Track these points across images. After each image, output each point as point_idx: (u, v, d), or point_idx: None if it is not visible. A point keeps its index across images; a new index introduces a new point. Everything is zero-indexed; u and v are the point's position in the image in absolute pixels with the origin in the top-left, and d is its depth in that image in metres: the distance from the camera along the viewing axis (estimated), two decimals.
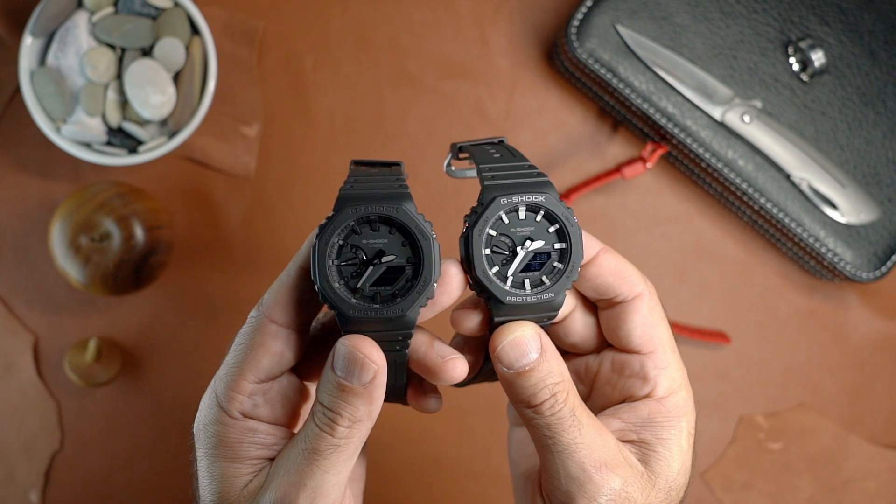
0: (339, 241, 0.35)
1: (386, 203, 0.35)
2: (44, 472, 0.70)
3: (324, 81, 0.70)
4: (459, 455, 0.71)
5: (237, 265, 0.70)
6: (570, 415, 0.36)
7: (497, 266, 0.36)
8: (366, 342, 0.35)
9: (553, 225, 0.37)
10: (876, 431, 0.72)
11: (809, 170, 0.67)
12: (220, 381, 0.37)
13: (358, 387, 0.34)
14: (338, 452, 0.35)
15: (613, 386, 0.40)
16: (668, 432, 0.38)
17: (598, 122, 0.71)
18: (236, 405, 0.36)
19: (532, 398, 0.36)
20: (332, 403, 0.35)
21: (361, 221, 0.35)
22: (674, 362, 0.39)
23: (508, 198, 0.36)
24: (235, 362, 0.37)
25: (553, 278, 0.36)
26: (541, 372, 0.36)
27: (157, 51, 0.65)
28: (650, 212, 0.71)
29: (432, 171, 0.71)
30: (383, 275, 0.35)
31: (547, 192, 0.36)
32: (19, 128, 0.69)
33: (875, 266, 0.68)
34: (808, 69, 0.67)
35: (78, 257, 0.64)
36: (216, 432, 0.37)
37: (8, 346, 0.69)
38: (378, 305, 0.35)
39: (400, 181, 0.36)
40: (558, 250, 0.37)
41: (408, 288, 0.35)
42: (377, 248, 0.35)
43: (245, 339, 0.37)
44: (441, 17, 0.71)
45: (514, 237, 0.36)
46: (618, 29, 0.66)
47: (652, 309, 0.39)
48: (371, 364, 0.34)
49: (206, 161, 0.70)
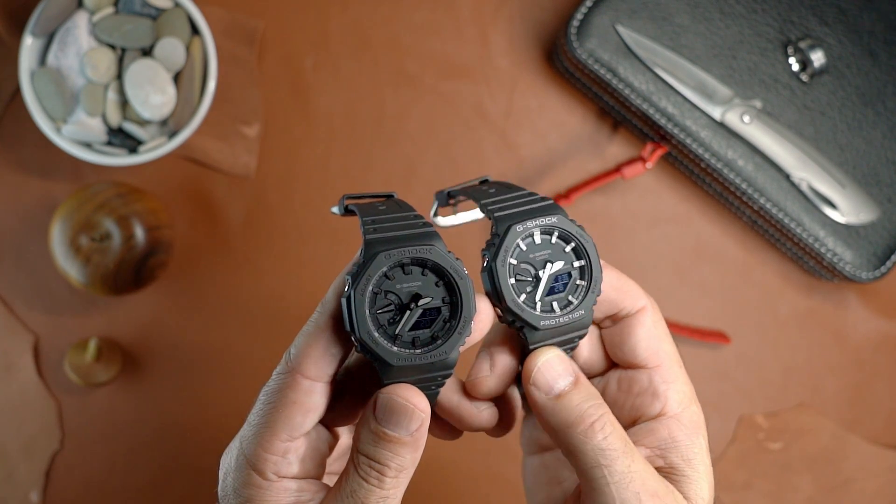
0: (374, 289, 0.34)
1: (416, 244, 0.34)
2: (44, 471, 0.70)
3: (324, 81, 0.70)
4: (459, 455, 0.71)
5: (237, 265, 0.70)
6: (623, 439, 0.35)
7: (524, 294, 0.36)
8: (411, 391, 0.34)
9: (569, 244, 0.37)
10: (876, 431, 0.72)
11: (809, 170, 0.67)
12: (250, 442, 0.35)
13: (405, 436, 0.34)
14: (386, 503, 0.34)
15: (622, 407, 0.39)
16: (692, 451, 0.37)
17: (598, 122, 0.72)
18: (270, 466, 0.35)
19: (580, 420, 0.35)
20: (377, 455, 0.34)
21: (393, 266, 0.34)
22: (681, 376, 0.39)
23: (523, 224, 0.36)
24: (266, 422, 0.35)
25: (579, 296, 0.37)
26: (581, 393, 0.35)
27: (158, 51, 0.65)
28: (650, 212, 0.72)
29: (432, 171, 0.71)
30: (418, 318, 0.35)
31: (558, 214, 0.36)
32: (19, 128, 0.69)
33: (875, 266, 0.68)
34: (807, 69, 0.67)
35: (78, 257, 0.64)
36: (250, 496, 0.35)
37: (8, 346, 0.69)
38: (419, 350, 0.34)
39: (419, 218, 0.36)
40: (578, 268, 0.37)
41: (447, 329, 0.35)
42: (412, 291, 0.35)
43: (275, 396, 0.35)
44: (441, 17, 0.71)
45: (534, 262, 0.36)
46: (618, 29, 0.66)
47: (656, 322, 0.39)
48: (419, 413, 0.34)
49: (206, 161, 0.70)
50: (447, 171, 0.71)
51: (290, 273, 0.70)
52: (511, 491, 0.71)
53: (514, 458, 0.71)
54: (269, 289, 0.70)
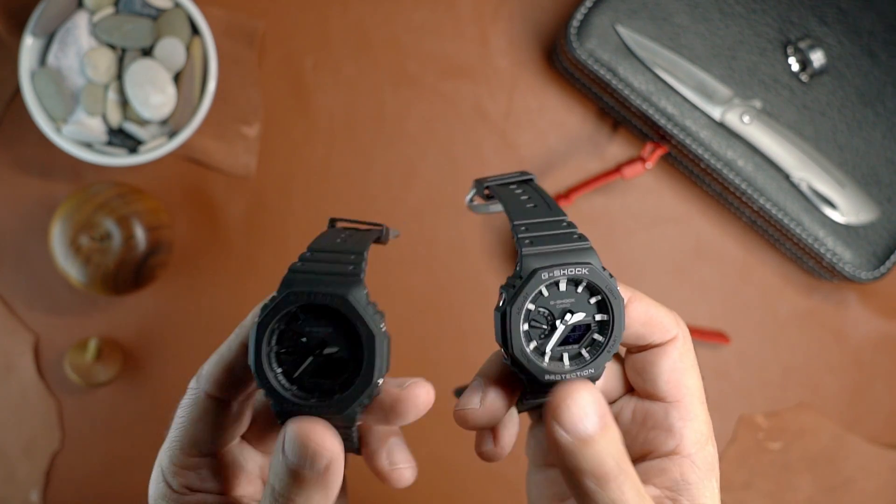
0: (281, 326, 0.32)
1: (333, 290, 0.31)
2: (44, 471, 0.70)
3: (324, 81, 0.71)
4: (459, 455, 0.71)
5: (237, 265, 0.70)
6: (639, 494, 0.33)
7: (535, 341, 0.34)
8: (317, 428, 0.31)
9: (595, 296, 0.34)
10: (876, 431, 0.72)
11: (809, 170, 0.67)
12: (165, 455, 0.35)
13: (311, 474, 0.31)
14: None
15: (634, 437, 0.37)
16: (704, 495, 0.35)
17: (598, 122, 0.72)
18: (181, 480, 0.35)
19: (598, 469, 0.32)
20: (283, 489, 0.32)
21: (304, 307, 0.32)
22: (701, 415, 0.36)
23: (550, 272, 0.33)
24: (177, 436, 0.35)
25: (593, 352, 0.34)
26: (607, 441, 0.32)
27: (158, 51, 0.65)
28: (650, 212, 0.72)
29: (432, 171, 0.71)
30: (327, 365, 0.32)
31: (591, 263, 0.33)
32: (19, 128, 0.69)
33: (874, 266, 0.68)
34: (807, 69, 0.67)
35: (78, 257, 0.64)
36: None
37: (8, 346, 0.69)
38: (314, 400, 0.32)
39: (357, 261, 0.33)
40: (598, 322, 0.34)
41: (348, 383, 0.32)
42: (320, 336, 0.32)
43: (184, 412, 0.35)
44: (441, 17, 0.71)
45: (554, 310, 0.34)
46: (617, 29, 0.66)
47: (683, 355, 0.36)
48: (325, 451, 0.31)
49: (206, 161, 0.70)
50: (447, 171, 0.71)
51: None
52: (511, 491, 0.71)
53: (514, 459, 0.71)
54: (268, 289, 0.70)
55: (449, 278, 0.71)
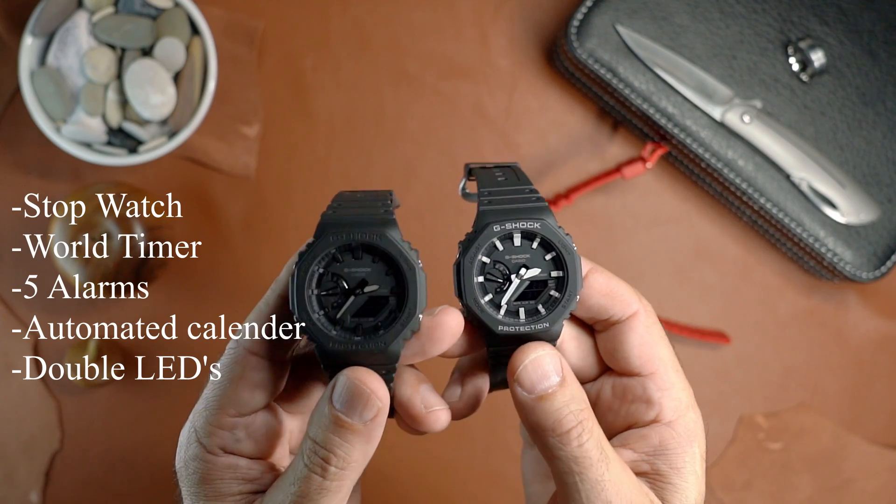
0: (320, 270, 0.34)
1: (369, 229, 0.33)
2: (44, 472, 0.70)
3: (324, 81, 0.70)
4: (459, 455, 0.71)
5: (237, 265, 0.70)
6: (598, 447, 0.34)
7: (490, 294, 0.35)
8: (372, 376, 0.33)
9: (550, 252, 0.35)
10: (876, 431, 0.72)
11: (809, 170, 0.67)
12: (199, 416, 0.35)
13: (358, 424, 0.32)
14: (327, 497, 0.33)
15: (616, 413, 0.38)
16: (682, 460, 0.36)
17: (598, 122, 0.71)
18: (216, 440, 0.35)
19: (557, 425, 0.33)
20: (325, 440, 0.32)
21: (343, 249, 0.33)
22: (678, 382, 0.37)
23: (502, 224, 0.35)
24: (215, 396, 0.35)
25: (549, 307, 0.35)
26: (564, 396, 0.34)
27: (158, 51, 0.65)
28: (650, 212, 0.72)
29: (432, 170, 0.71)
30: (367, 305, 0.34)
31: (544, 219, 0.35)
32: (19, 128, 0.69)
33: (875, 266, 0.68)
34: (807, 69, 0.67)
35: (78, 257, 0.64)
36: (197, 469, 0.35)
37: (8, 346, 0.69)
38: (360, 338, 0.33)
39: (386, 206, 0.35)
40: (555, 279, 0.35)
41: (391, 320, 0.33)
42: (359, 277, 0.33)
43: (224, 371, 0.35)
44: (441, 17, 0.71)
45: (509, 264, 0.35)
46: (618, 29, 0.66)
47: (649, 328, 0.37)
48: (376, 400, 0.32)
49: (206, 161, 0.70)
50: (447, 171, 0.71)
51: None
52: (511, 491, 0.71)
53: (514, 458, 0.71)
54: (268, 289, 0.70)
55: (449, 278, 0.71)
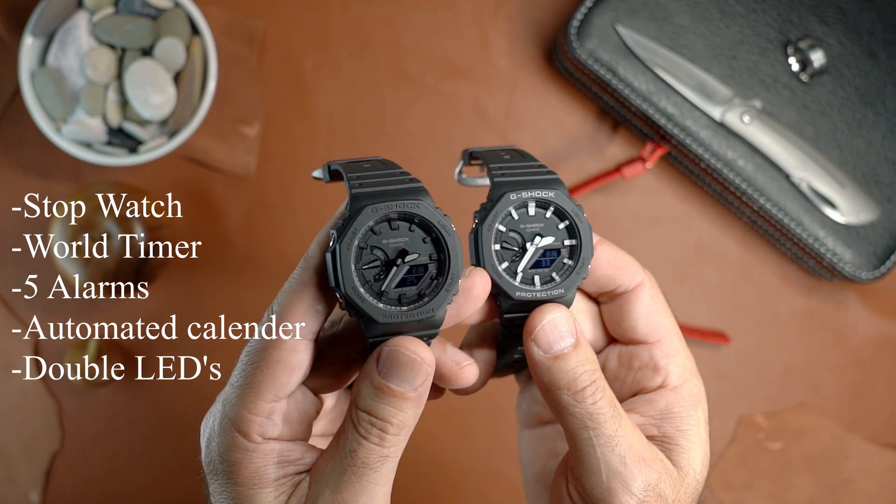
0: (360, 244, 0.33)
1: (404, 199, 0.33)
2: (44, 472, 0.70)
3: (324, 81, 0.71)
4: (459, 455, 0.71)
5: (237, 265, 0.70)
6: (611, 405, 0.35)
7: (507, 262, 0.36)
8: (417, 344, 0.33)
9: (563, 221, 0.37)
10: (876, 431, 0.72)
11: (809, 170, 0.67)
12: (233, 404, 0.34)
13: (410, 392, 0.33)
14: (388, 463, 0.33)
15: (623, 381, 0.39)
16: (688, 423, 0.37)
17: (598, 122, 0.72)
18: (256, 428, 0.34)
19: (572, 384, 0.35)
20: (379, 411, 0.33)
21: (380, 221, 0.34)
22: (682, 350, 0.39)
23: (518, 193, 0.36)
24: (249, 382, 0.34)
25: (563, 275, 0.36)
26: (579, 356, 0.35)
27: (158, 51, 0.65)
28: (650, 212, 0.72)
29: (432, 170, 0.71)
30: (405, 275, 0.34)
31: (557, 189, 0.36)
32: (19, 128, 0.69)
33: (874, 266, 0.68)
34: (807, 69, 0.67)
35: (78, 257, 0.65)
36: (236, 460, 0.34)
37: (8, 346, 0.69)
38: (405, 308, 0.33)
39: (406, 174, 0.35)
40: (568, 247, 0.37)
41: (434, 286, 0.34)
42: (399, 247, 0.34)
43: (258, 356, 0.34)
44: (441, 17, 0.71)
45: (524, 233, 0.36)
46: (617, 29, 0.66)
47: (654, 297, 0.39)
48: (426, 366, 0.33)
49: (206, 161, 0.70)
50: (447, 171, 0.71)
51: (290, 273, 0.70)
52: (511, 491, 0.71)
53: (514, 458, 0.71)
54: (268, 288, 0.70)
55: None
